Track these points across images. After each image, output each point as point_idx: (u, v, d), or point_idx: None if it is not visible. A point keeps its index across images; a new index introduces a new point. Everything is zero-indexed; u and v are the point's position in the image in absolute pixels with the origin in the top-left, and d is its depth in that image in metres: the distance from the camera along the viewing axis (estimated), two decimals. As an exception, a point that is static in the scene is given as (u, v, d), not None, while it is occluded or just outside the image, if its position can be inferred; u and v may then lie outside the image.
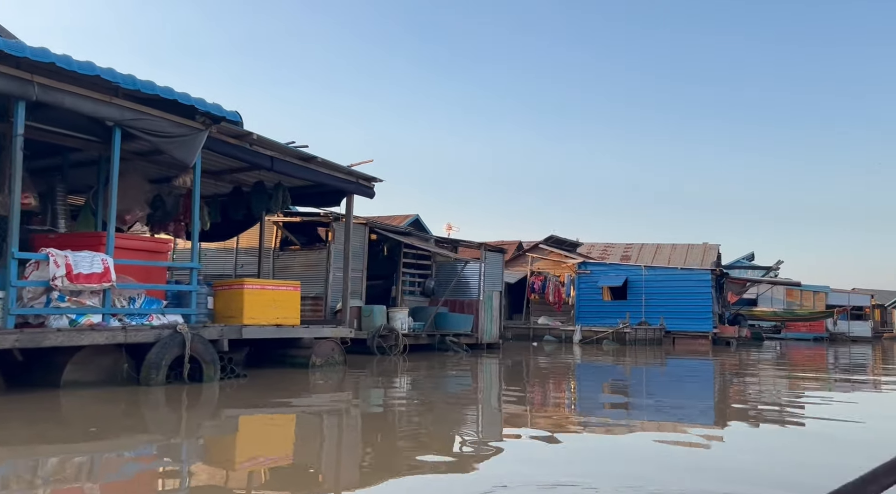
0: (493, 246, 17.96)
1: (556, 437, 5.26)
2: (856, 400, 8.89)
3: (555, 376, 11.82)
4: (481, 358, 14.75)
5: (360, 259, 14.95)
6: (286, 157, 9.48)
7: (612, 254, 37.75)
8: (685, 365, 15.85)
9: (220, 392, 7.15)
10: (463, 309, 17.09)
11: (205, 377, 7.51)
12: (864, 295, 44.01)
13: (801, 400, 8.68)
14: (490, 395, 8.53)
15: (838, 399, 8.86)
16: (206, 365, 7.51)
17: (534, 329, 24.93)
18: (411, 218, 25.75)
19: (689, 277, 26.02)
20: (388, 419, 6.25)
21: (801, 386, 10.84)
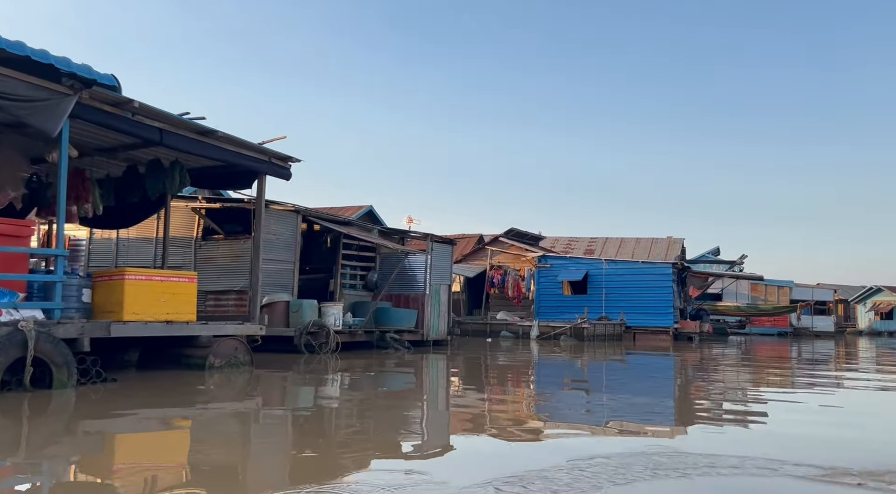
0: (441, 237, 16.92)
1: (474, 450, 4.30)
2: (812, 402, 8.08)
3: (498, 376, 10.84)
4: (424, 355, 13.73)
5: (291, 249, 13.82)
6: (179, 130, 8.31)
7: (575, 248, 37.11)
8: (640, 362, 15.02)
9: (68, 400, 6.00)
10: (408, 303, 16.05)
11: (55, 383, 6.35)
12: (827, 291, 44.03)
13: (750, 400, 7.83)
14: (412, 401, 7.49)
15: (796, 399, 8.03)
16: (58, 369, 6.34)
17: (491, 324, 23.99)
18: (364, 209, 24.62)
19: (650, 271, 25.32)
20: (266, 434, 5.19)
21: (759, 384, 10.02)
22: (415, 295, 16.08)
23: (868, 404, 7.99)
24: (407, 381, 9.50)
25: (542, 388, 9.15)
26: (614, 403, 7.40)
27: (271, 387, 8.04)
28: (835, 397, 8.46)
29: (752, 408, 7.25)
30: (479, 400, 7.46)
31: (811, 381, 10.56)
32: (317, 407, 6.59)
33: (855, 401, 8.17)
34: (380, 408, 6.64)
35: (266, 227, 13.17)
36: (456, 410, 6.69)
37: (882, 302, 49.45)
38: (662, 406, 7.22)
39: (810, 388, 9.41)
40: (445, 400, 7.62)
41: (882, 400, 8.41)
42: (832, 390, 9.35)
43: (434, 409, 6.79)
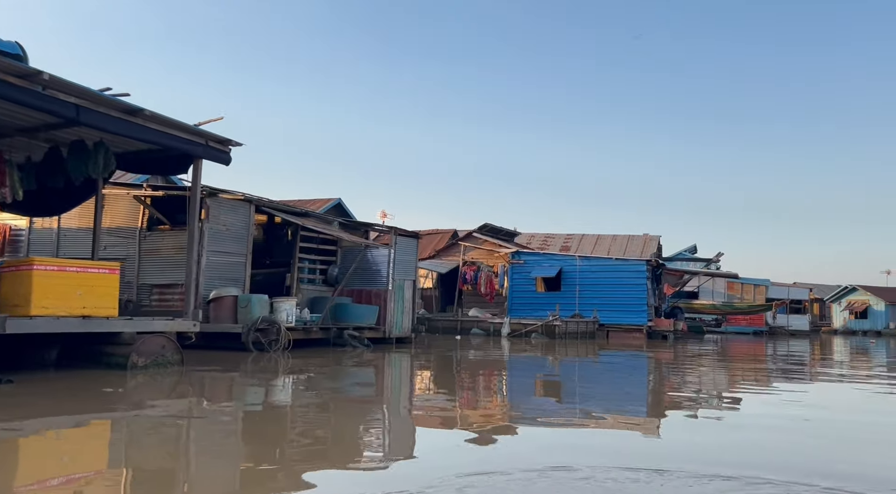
0: (406, 230, 16.27)
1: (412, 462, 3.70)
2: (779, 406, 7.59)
3: (453, 378, 10.25)
4: (385, 354, 13.10)
5: (242, 241, 13.09)
6: (100, 108, 7.57)
7: (551, 245, 36.59)
8: (609, 361, 14.52)
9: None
10: (370, 299, 15.40)
11: (-67, 385, 5.63)
12: (803, 289, 44.07)
13: (715, 403, 7.33)
14: (351, 405, 6.86)
15: (763, 403, 7.54)
16: (-64, 370, 5.62)
17: (461, 321, 23.40)
18: (332, 202, 23.87)
19: (625, 268, 24.88)
20: (175, 445, 4.53)
21: (729, 385, 9.54)
22: (377, 290, 15.43)
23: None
24: (353, 383, 8.86)
25: (492, 392, 8.56)
26: (560, 408, 6.84)
27: (196, 389, 7.36)
28: (795, 406, 7.98)
29: (699, 416, 6.72)
30: (424, 404, 6.85)
31: (771, 390, 10.11)
32: (237, 413, 5.94)
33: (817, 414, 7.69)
34: (307, 413, 6.01)
35: (215, 218, 12.47)
36: (392, 418, 6.07)
37: (856, 301, 49.70)
38: (612, 415, 6.66)
39: (763, 393, 8.94)
40: (386, 405, 7.00)
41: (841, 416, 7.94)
42: (792, 400, 8.88)
43: (369, 415, 6.17)
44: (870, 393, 9.29)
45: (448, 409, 6.62)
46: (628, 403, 7.44)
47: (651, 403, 7.56)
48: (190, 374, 8.11)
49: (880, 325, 47.54)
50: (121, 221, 13.10)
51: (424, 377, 10.24)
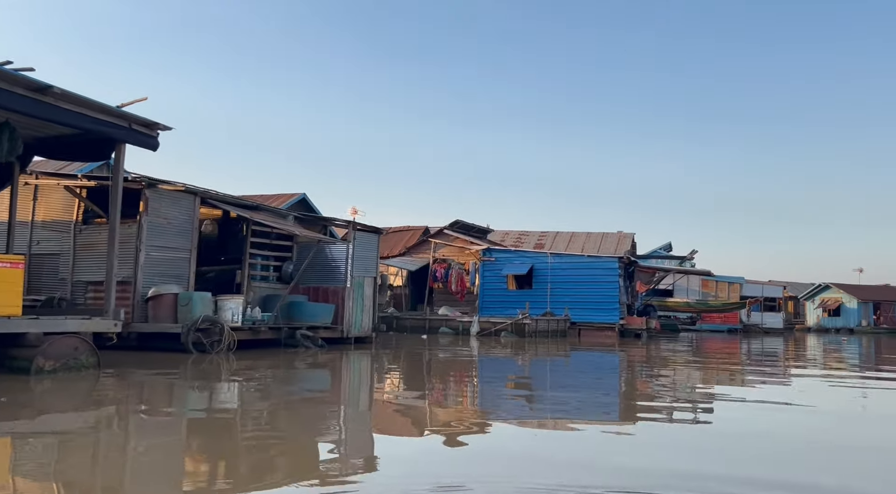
0: (366, 225, 15.60)
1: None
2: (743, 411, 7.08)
3: (402, 381, 9.63)
4: (340, 355, 12.43)
5: (186, 236, 12.33)
6: (0, 84, 6.81)
7: (526, 242, 36.19)
8: (575, 361, 13.99)
9: None
10: (327, 297, 14.70)
11: None
12: (777, 287, 44.08)
13: (679, 407, 6.79)
14: (290, 418, 6.19)
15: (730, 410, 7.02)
16: None
17: (430, 320, 22.76)
18: (296, 197, 23.09)
19: (596, 265, 24.40)
20: (65, 464, 3.84)
21: (694, 388, 9.03)
22: (335, 288, 14.74)
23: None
24: (295, 388, 8.19)
25: (444, 398, 7.94)
26: (516, 413, 6.24)
27: (106, 397, 6.64)
28: (761, 412, 7.47)
29: (666, 429, 6.16)
30: (370, 412, 6.20)
31: (740, 394, 9.63)
32: (146, 425, 5.24)
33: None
34: (231, 426, 5.33)
35: (155, 210, 11.71)
36: (339, 428, 5.41)
37: (829, 298, 49.89)
38: (581, 421, 6.07)
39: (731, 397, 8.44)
40: (330, 413, 6.33)
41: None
42: (760, 405, 8.39)
43: (306, 427, 5.50)
44: (845, 393, 8.85)
45: (397, 417, 5.99)
46: (592, 409, 6.86)
47: (616, 408, 7.00)
48: (107, 379, 7.39)
49: (853, 323, 47.77)
50: (55, 214, 12.27)
51: (376, 381, 9.61)
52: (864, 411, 7.25)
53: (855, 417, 6.73)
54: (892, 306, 48.68)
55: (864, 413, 7.07)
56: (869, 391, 9.52)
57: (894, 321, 48.09)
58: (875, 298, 49.28)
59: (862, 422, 6.37)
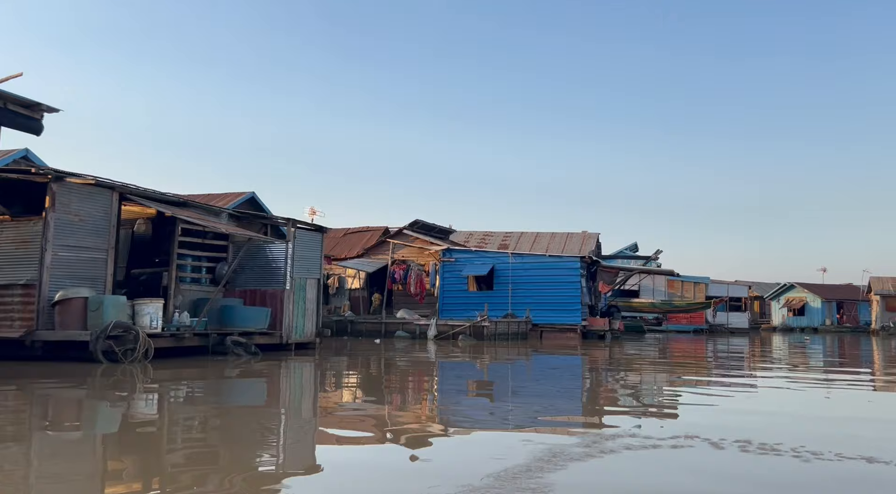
0: (309, 223, 14.67)
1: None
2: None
3: (350, 390, 8.75)
4: (276, 363, 11.51)
5: (102, 234, 11.28)
6: None
7: (490, 243, 35.48)
8: (528, 366, 13.25)
9: None
10: (265, 300, 13.75)
11: None
12: (742, 287, 44.08)
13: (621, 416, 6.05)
14: (193, 438, 5.27)
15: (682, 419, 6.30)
16: None
17: (386, 323, 21.88)
18: (244, 196, 21.96)
19: (558, 266, 23.77)
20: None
21: (651, 395, 8.32)
22: (273, 290, 13.78)
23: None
24: (205, 403, 7.25)
25: (373, 413, 7.09)
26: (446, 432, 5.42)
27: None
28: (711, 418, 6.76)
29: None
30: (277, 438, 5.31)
31: (691, 401, 8.95)
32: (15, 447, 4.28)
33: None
34: (110, 451, 4.40)
35: (64, 206, 10.67)
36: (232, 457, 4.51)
37: (794, 298, 50.16)
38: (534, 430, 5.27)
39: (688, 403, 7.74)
40: (239, 437, 5.43)
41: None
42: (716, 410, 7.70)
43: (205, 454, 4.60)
44: (803, 396, 8.22)
45: (322, 434, 5.13)
46: (529, 421, 6.08)
47: (571, 416, 6.22)
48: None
49: (817, 322, 48.06)
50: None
51: (306, 393, 8.72)
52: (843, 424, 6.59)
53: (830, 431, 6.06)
54: (855, 305, 49.10)
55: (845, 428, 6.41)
56: (832, 392, 8.93)
57: (857, 320, 48.51)
58: (838, 297, 49.68)
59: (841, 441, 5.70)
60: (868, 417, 6.84)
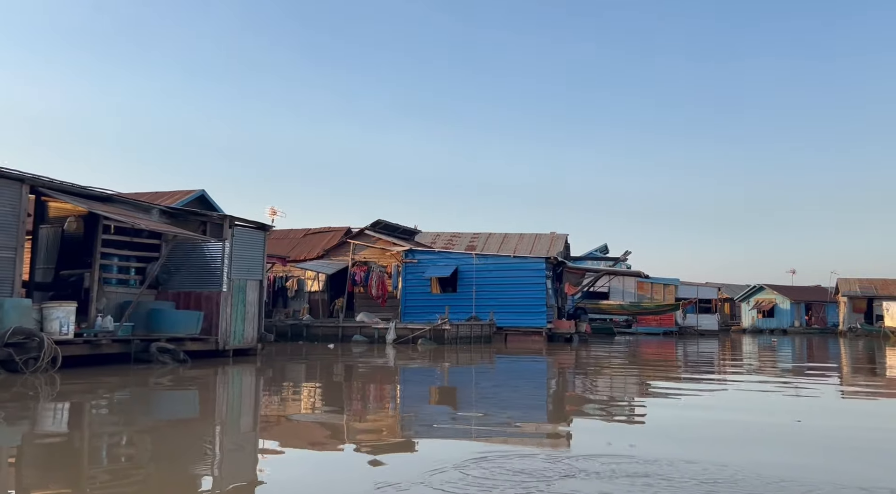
0: (249, 221, 13.72)
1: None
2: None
3: (285, 403, 7.88)
4: (209, 371, 10.59)
5: (10, 231, 10.24)
6: None
7: (457, 244, 34.68)
8: (486, 372, 12.48)
9: None
10: (200, 303, 12.78)
11: None
12: (712, 288, 43.90)
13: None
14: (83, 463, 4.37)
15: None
16: None
17: (343, 327, 20.94)
18: (193, 194, 20.93)
19: (523, 267, 23.06)
20: None
21: (608, 406, 7.58)
22: (209, 293, 12.82)
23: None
24: (111, 421, 6.32)
25: (301, 430, 6.23)
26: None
27: None
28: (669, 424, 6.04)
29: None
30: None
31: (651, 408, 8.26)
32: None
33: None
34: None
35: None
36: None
37: (764, 300, 50.22)
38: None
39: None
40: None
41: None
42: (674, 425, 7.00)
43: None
44: (765, 401, 7.56)
45: (239, 456, 4.25)
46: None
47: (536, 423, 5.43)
48: None
49: (786, 323, 48.14)
50: None
51: (230, 406, 7.81)
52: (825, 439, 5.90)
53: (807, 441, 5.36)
54: (823, 306, 49.31)
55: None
56: (804, 404, 8.28)
57: (825, 321, 48.70)
58: (807, 299, 49.86)
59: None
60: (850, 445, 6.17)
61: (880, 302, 43.69)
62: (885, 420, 7.16)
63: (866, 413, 7.80)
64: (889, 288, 46.04)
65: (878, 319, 43.06)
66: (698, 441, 5.30)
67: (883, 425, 6.71)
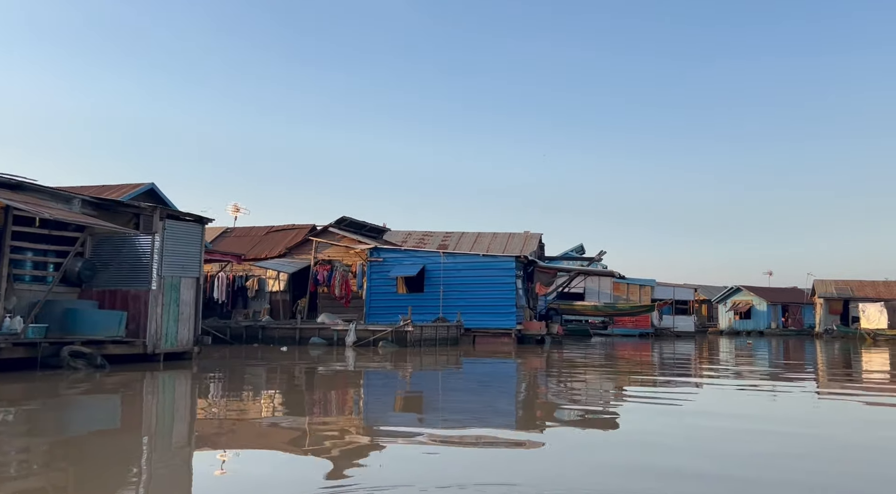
0: (185, 213, 12.58)
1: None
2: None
3: (208, 421, 6.79)
4: (132, 377, 9.46)
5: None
6: None
7: (429, 243, 33.70)
8: (440, 379, 11.46)
9: None
10: (126, 303, 11.61)
11: None
12: (688, 289, 43.33)
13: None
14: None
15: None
16: None
17: (301, 329, 19.81)
18: (142, 187, 19.66)
19: (492, 266, 22.09)
20: None
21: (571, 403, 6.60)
22: (136, 291, 11.66)
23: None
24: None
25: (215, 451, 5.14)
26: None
27: None
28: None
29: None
30: None
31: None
32: None
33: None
34: None
35: None
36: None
37: (741, 301, 49.84)
38: None
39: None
40: None
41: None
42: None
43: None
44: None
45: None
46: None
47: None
48: None
49: (763, 325, 47.77)
50: None
51: (136, 424, 6.69)
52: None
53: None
54: (800, 308, 49.06)
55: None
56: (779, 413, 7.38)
57: (801, 323, 48.43)
58: (784, 300, 49.58)
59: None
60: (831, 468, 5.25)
61: (856, 303, 43.49)
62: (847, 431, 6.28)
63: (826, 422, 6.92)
64: (865, 290, 45.89)
65: (854, 321, 42.83)
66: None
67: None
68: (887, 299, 42.32)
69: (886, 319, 39.41)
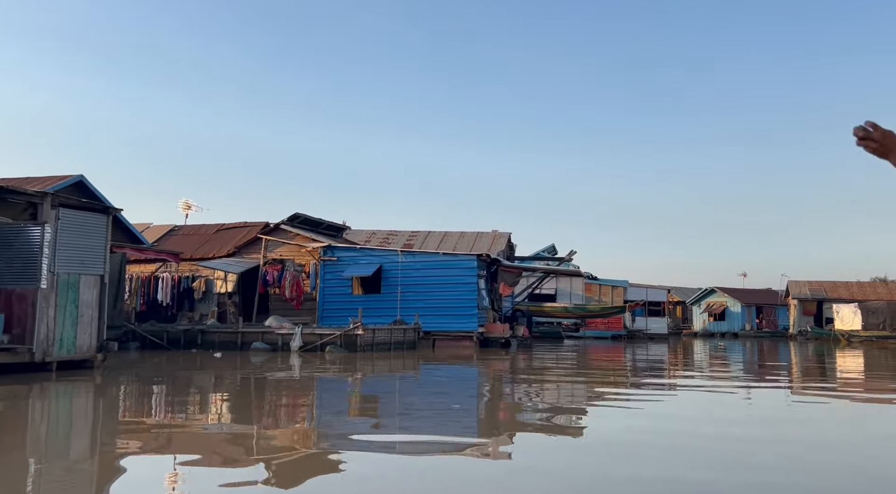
0: (84, 202, 11.01)
1: None
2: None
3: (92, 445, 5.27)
4: (11, 391, 7.90)
5: None
6: None
7: (394, 242, 32.24)
8: (386, 389, 10.03)
9: None
10: (11, 304, 10.01)
11: None
12: (662, 291, 42.35)
13: None
14: None
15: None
16: None
17: (243, 334, 18.24)
18: (68, 180, 17.89)
19: (452, 265, 20.71)
20: None
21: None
22: (22, 290, 10.06)
23: None
24: None
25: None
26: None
27: None
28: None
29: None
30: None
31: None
32: None
33: None
34: None
35: None
36: None
37: (715, 303, 49.08)
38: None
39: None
40: None
41: None
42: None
43: None
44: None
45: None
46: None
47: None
48: None
49: (737, 327, 47.03)
50: None
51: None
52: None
53: None
54: (774, 309, 48.45)
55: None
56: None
57: (775, 324, 47.82)
58: (758, 302, 48.93)
59: None
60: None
61: (830, 304, 42.93)
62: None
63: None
64: (839, 291, 45.41)
65: (829, 322, 42.23)
66: None
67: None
68: (861, 300, 41.81)
69: (860, 320, 38.85)
